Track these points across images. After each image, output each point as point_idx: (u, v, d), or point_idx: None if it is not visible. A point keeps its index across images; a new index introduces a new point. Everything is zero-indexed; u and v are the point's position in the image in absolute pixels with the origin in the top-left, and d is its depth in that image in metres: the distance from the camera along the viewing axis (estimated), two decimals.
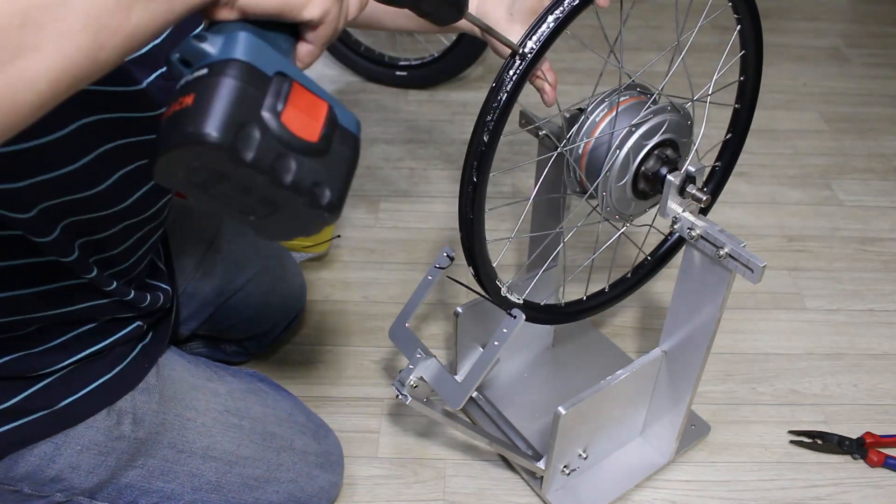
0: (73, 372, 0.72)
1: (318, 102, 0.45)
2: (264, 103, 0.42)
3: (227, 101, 0.40)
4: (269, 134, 0.41)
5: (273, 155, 0.42)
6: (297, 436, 0.89)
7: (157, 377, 0.80)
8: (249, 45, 0.42)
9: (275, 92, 0.42)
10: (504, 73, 0.64)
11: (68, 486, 0.74)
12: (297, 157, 0.43)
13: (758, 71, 0.80)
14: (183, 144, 0.40)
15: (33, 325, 0.69)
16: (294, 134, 0.42)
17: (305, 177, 0.43)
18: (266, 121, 0.41)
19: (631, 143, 0.73)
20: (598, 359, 1.13)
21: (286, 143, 0.42)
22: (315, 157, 0.44)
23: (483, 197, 0.69)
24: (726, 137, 0.87)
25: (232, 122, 0.40)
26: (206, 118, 0.39)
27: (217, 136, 0.39)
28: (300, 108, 0.43)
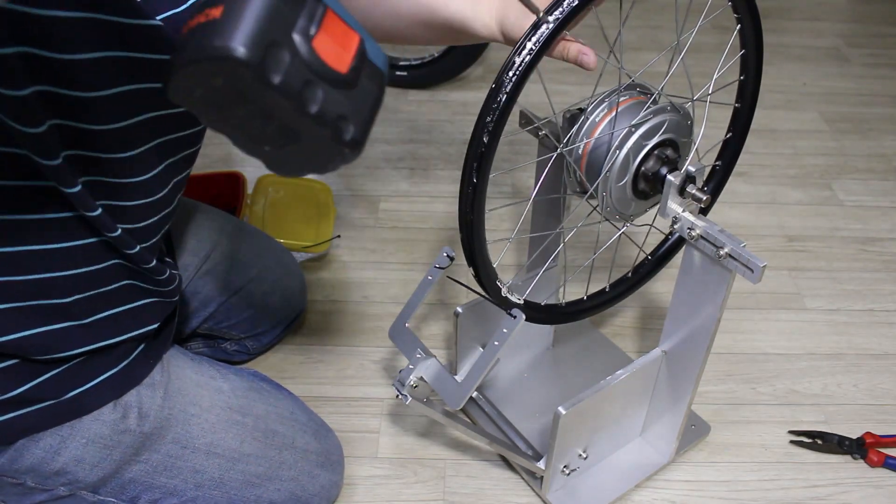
0: (81, 364, 0.72)
1: (350, 33, 0.43)
2: (297, 24, 0.39)
3: (259, 17, 0.38)
4: (299, 58, 0.39)
5: (301, 80, 0.40)
6: (299, 434, 0.89)
7: (162, 373, 0.80)
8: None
9: (308, 14, 0.40)
10: (503, 74, 0.64)
11: (72, 479, 0.74)
12: (324, 87, 0.41)
13: (758, 70, 0.81)
14: (207, 59, 0.38)
15: (66, 294, 0.68)
16: (324, 62, 0.41)
17: (331, 108, 0.41)
18: (297, 44, 0.39)
19: (631, 143, 0.73)
20: (598, 359, 1.13)
21: (316, 70, 0.40)
22: (343, 89, 0.42)
23: (483, 198, 0.69)
24: (727, 136, 0.87)
25: (262, 40, 0.38)
26: (235, 32, 0.37)
27: (246, 52, 0.37)
28: (332, 35, 0.41)
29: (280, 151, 0.44)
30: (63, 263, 0.67)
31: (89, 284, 0.70)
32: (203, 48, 0.37)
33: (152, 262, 0.73)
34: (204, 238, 1.02)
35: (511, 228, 1.38)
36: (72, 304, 0.69)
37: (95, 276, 0.70)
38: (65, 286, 0.68)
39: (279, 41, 0.38)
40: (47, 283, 0.67)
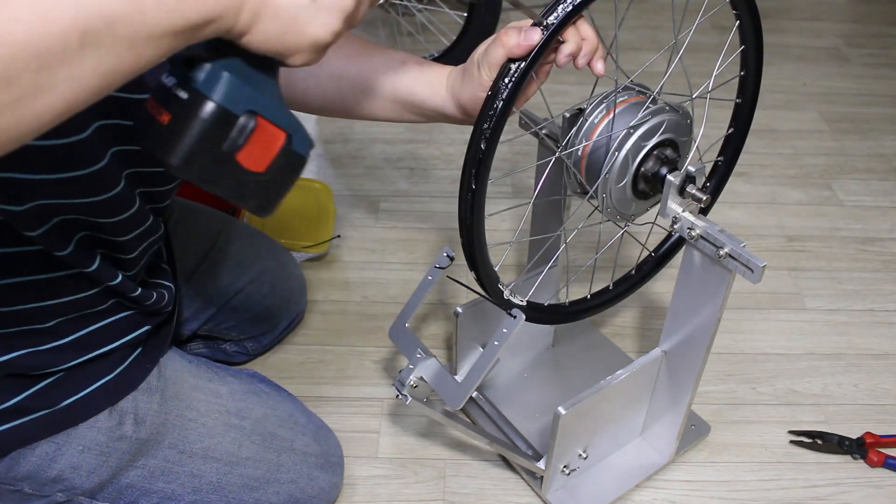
0: (76, 372, 0.72)
1: (277, 135, 0.53)
2: (225, 142, 0.50)
3: (193, 138, 0.48)
4: (223, 166, 0.50)
5: (222, 179, 0.51)
6: (298, 437, 0.89)
7: (159, 378, 0.80)
8: (228, 87, 0.49)
9: (238, 131, 0.50)
10: (500, 80, 0.64)
11: (69, 486, 0.74)
12: (243, 183, 0.52)
13: (758, 65, 0.80)
14: (155, 156, 0.49)
15: (49, 319, 0.69)
16: (244, 168, 0.51)
17: (247, 195, 0.53)
18: (223, 157, 0.50)
19: (629, 144, 0.73)
20: (598, 359, 1.13)
21: (236, 175, 0.51)
22: (258, 184, 0.53)
23: (482, 203, 0.69)
24: (728, 132, 0.87)
25: (192, 155, 0.48)
26: (172, 148, 0.48)
27: (178, 164, 0.48)
28: (257, 144, 0.51)
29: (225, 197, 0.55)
30: (46, 294, 0.67)
31: (73, 309, 0.70)
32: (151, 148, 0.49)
33: (137, 290, 0.74)
34: (203, 239, 1.02)
35: (511, 229, 1.38)
36: (56, 326, 0.70)
37: (79, 303, 0.70)
38: (48, 313, 0.69)
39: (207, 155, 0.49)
40: (30, 312, 0.67)
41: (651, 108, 0.73)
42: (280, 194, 0.56)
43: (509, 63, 0.64)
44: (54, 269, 0.67)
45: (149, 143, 0.49)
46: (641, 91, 0.76)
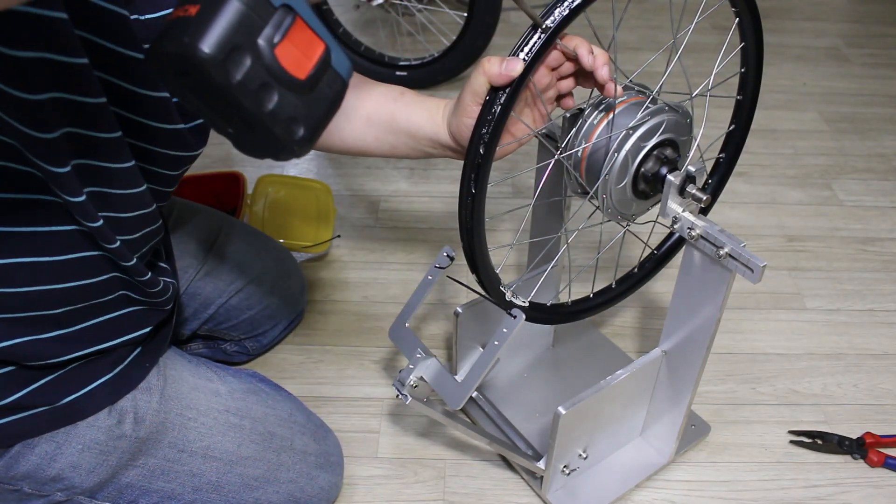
0: (76, 370, 0.72)
1: (316, 41, 0.47)
2: (263, 32, 0.44)
3: (228, 22, 0.42)
4: (259, 62, 0.44)
5: (259, 82, 0.44)
6: (298, 436, 0.89)
7: (159, 377, 0.80)
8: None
9: (276, 23, 0.44)
10: None
11: (69, 485, 0.74)
12: (280, 90, 0.45)
13: (759, 60, 0.80)
14: (177, 52, 0.42)
15: (57, 306, 0.68)
16: (283, 68, 0.45)
17: (284, 109, 0.46)
18: (260, 49, 0.44)
19: (629, 145, 0.73)
20: (598, 359, 1.13)
21: (274, 75, 0.45)
22: (298, 94, 0.46)
23: (482, 207, 0.69)
24: (730, 129, 0.87)
25: (227, 43, 0.42)
26: (204, 33, 0.42)
27: (209, 52, 0.42)
28: (296, 43, 0.45)
29: (241, 135, 0.48)
30: (57, 277, 0.67)
31: (82, 297, 0.70)
32: (175, 41, 0.42)
33: (147, 274, 0.73)
34: (203, 239, 1.02)
35: (512, 229, 1.38)
36: (61, 315, 0.69)
37: (88, 289, 0.70)
38: (57, 299, 0.68)
39: (243, 45, 0.43)
40: (39, 295, 0.67)
41: (650, 109, 0.73)
42: (323, 120, 0.49)
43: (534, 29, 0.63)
44: (69, 250, 0.67)
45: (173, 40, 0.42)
46: (641, 91, 0.76)
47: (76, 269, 0.68)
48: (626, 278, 0.93)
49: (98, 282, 0.70)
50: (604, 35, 0.71)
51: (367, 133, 0.82)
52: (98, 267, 0.69)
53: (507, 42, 0.65)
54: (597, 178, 0.75)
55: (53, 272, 0.67)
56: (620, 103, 0.74)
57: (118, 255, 0.69)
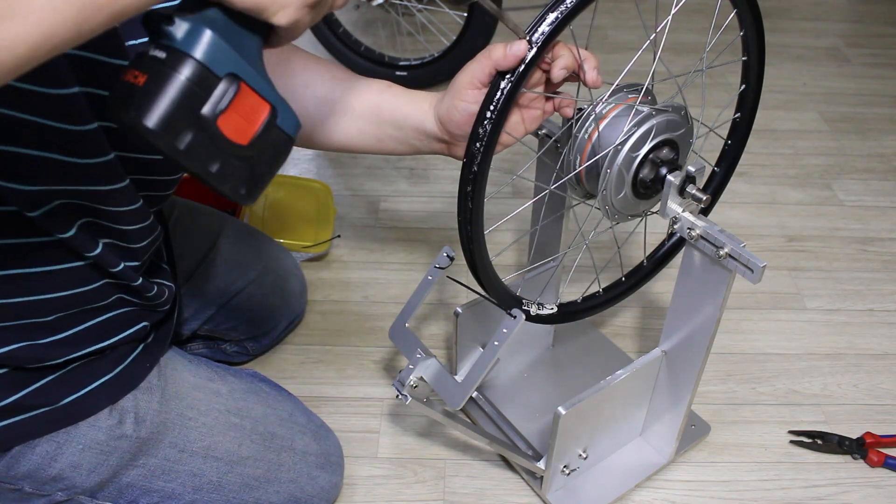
0: (76, 370, 0.72)
1: (261, 105, 0.49)
2: (206, 104, 0.46)
3: (172, 97, 0.44)
4: (202, 134, 0.46)
5: (202, 150, 0.47)
6: (298, 436, 0.89)
7: (159, 377, 0.80)
8: (209, 44, 0.45)
9: (219, 94, 0.46)
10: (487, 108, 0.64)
11: (69, 484, 0.74)
12: (223, 156, 0.48)
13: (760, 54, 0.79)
14: (124, 121, 0.45)
15: (48, 314, 0.69)
16: (226, 137, 0.47)
17: (227, 172, 0.48)
18: (203, 121, 0.46)
19: (619, 160, 0.72)
20: (598, 359, 1.13)
21: (216, 144, 0.47)
22: (241, 158, 0.49)
23: (480, 214, 0.69)
24: (735, 117, 0.86)
25: (169, 118, 0.44)
26: (149, 107, 0.44)
27: (152, 127, 0.44)
28: (240, 111, 0.48)
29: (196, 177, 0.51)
30: (47, 287, 0.67)
31: (75, 304, 0.70)
32: (122, 110, 0.45)
33: (138, 279, 0.73)
34: (203, 239, 1.02)
35: (513, 228, 1.38)
36: (54, 321, 0.69)
37: (81, 297, 0.70)
38: (49, 307, 0.68)
39: (187, 119, 0.45)
40: (31, 304, 0.67)
41: (636, 119, 0.72)
42: (265, 177, 0.51)
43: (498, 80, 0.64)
44: (58, 261, 0.67)
45: (123, 107, 0.45)
46: (631, 91, 0.75)
47: (66, 279, 0.68)
48: (635, 271, 0.92)
49: (89, 289, 0.70)
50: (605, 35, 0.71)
51: (352, 126, 0.81)
52: (88, 276, 0.70)
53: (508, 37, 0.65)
54: (597, 187, 0.75)
55: (43, 283, 0.67)
56: (604, 117, 0.73)
57: (105, 263, 0.69)
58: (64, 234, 0.65)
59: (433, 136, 0.78)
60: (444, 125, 0.75)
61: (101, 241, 0.69)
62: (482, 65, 0.67)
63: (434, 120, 0.76)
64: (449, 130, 0.75)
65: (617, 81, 0.74)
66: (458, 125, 0.73)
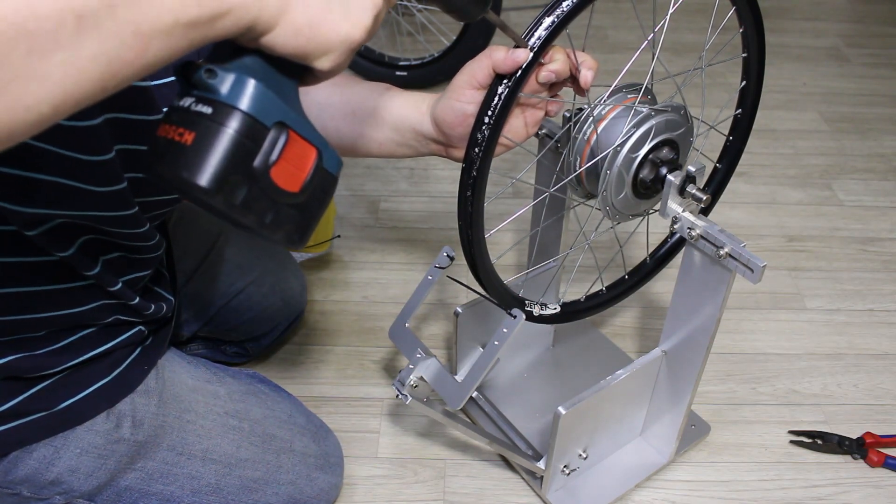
0: (73, 374, 0.72)
1: (308, 150, 0.48)
2: (257, 157, 0.44)
3: (223, 155, 0.43)
4: (255, 186, 0.45)
5: (256, 203, 0.45)
6: (297, 437, 0.89)
7: (157, 379, 0.79)
8: (256, 94, 0.44)
9: (270, 144, 0.45)
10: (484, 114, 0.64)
11: (67, 489, 0.74)
12: (277, 206, 0.47)
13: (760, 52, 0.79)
14: (175, 182, 0.43)
15: (43, 329, 0.69)
16: (279, 187, 0.46)
17: (281, 221, 0.48)
18: (255, 174, 0.45)
19: (619, 161, 0.72)
20: (598, 359, 1.13)
21: (270, 195, 0.46)
22: (293, 206, 0.48)
23: (480, 217, 0.69)
24: (736, 113, 0.86)
25: (223, 175, 0.43)
26: (200, 167, 0.42)
27: (207, 186, 0.42)
28: (290, 159, 0.46)
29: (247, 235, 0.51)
30: (43, 306, 0.67)
31: (71, 322, 0.70)
32: (172, 171, 0.43)
33: (135, 299, 0.73)
34: (203, 241, 1.02)
35: (515, 229, 1.38)
36: (49, 335, 0.69)
37: (77, 316, 0.70)
38: (44, 324, 0.68)
39: (240, 174, 0.44)
40: (28, 321, 0.67)
41: (635, 120, 0.72)
42: (315, 219, 0.50)
43: (498, 83, 0.64)
44: (56, 280, 0.67)
45: (170, 167, 0.43)
46: (630, 91, 0.75)
47: (65, 298, 0.68)
48: (639, 268, 0.92)
49: (85, 310, 0.70)
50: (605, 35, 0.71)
51: (353, 130, 0.81)
52: (84, 297, 0.69)
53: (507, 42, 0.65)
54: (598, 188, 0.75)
55: (41, 301, 0.67)
56: (602, 118, 0.73)
57: (105, 283, 0.69)
58: (64, 252, 0.64)
59: (430, 138, 0.78)
60: (439, 126, 0.75)
61: (102, 258, 0.68)
62: (482, 65, 0.67)
63: (430, 121, 0.76)
64: (443, 131, 0.75)
65: (616, 82, 0.74)
66: (451, 126, 0.73)
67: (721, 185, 0.89)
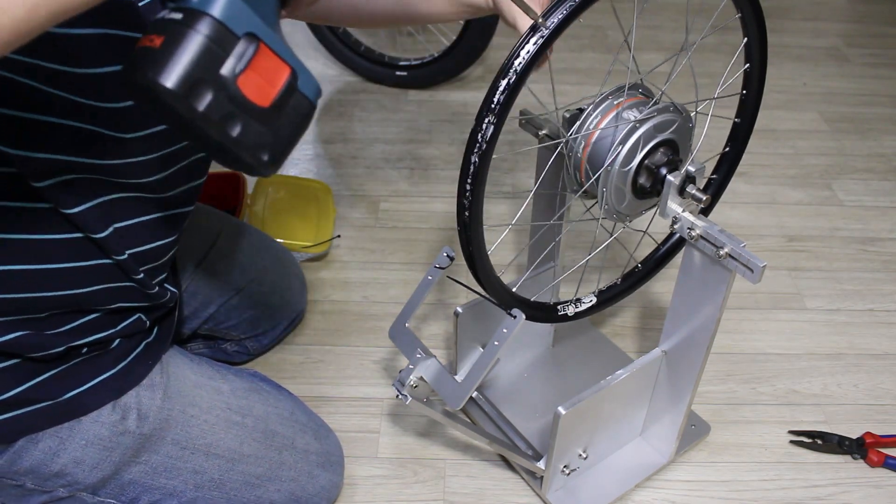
0: (79, 365, 0.73)
1: (281, 67, 0.47)
2: (225, 63, 0.44)
3: (190, 56, 0.43)
4: (222, 93, 0.45)
5: (223, 112, 0.45)
6: (299, 435, 0.89)
7: (162, 374, 0.80)
8: (227, 3, 0.44)
9: (239, 53, 0.45)
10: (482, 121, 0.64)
11: (72, 480, 0.74)
12: (244, 118, 0.46)
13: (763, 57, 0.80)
14: (142, 84, 0.43)
15: (47, 310, 0.69)
16: (246, 97, 0.46)
17: (249, 137, 0.47)
18: (222, 80, 0.45)
19: (613, 179, 0.73)
20: (598, 359, 1.13)
21: (237, 104, 0.45)
22: (263, 121, 0.47)
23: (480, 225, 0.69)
24: (735, 121, 0.86)
25: (189, 77, 0.43)
26: (166, 67, 0.43)
27: (171, 87, 0.43)
28: (260, 71, 0.46)
29: (214, 155, 0.50)
30: (49, 285, 0.68)
31: (72, 303, 0.70)
32: (140, 73, 0.43)
33: (140, 273, 0.74)
34: (204, 239, 1.02)
35: (517, 229, 1.38)
36: (51, 318, 0.70)
37: (81, 298, 0.70)
38: (47, 304, 0.69)
39: (206, 78, 0.44)
40: (29, 301, 0.67)
41: (620, 136, 0.73)
42: (288, 144, 0.50)
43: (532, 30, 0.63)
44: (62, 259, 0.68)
45: (140, 71, 0.43)
46: (644, 93, 0.76)
47: (68, 278, 0.69)
48: (648, 259, 0.92)
49: (89, 291, 0.71)
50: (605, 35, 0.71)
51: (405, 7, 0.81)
52: (91, 278, 0.70)
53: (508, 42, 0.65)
54: (601, 164, 0.74)
55: (44, 280, 0.67)
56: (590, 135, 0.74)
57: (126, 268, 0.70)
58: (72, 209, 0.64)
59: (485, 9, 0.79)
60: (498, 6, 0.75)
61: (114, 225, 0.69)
62: None
63: None
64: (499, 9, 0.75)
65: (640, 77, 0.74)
66: None
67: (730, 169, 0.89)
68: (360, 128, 1.70)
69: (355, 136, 1.68)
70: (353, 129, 1.70)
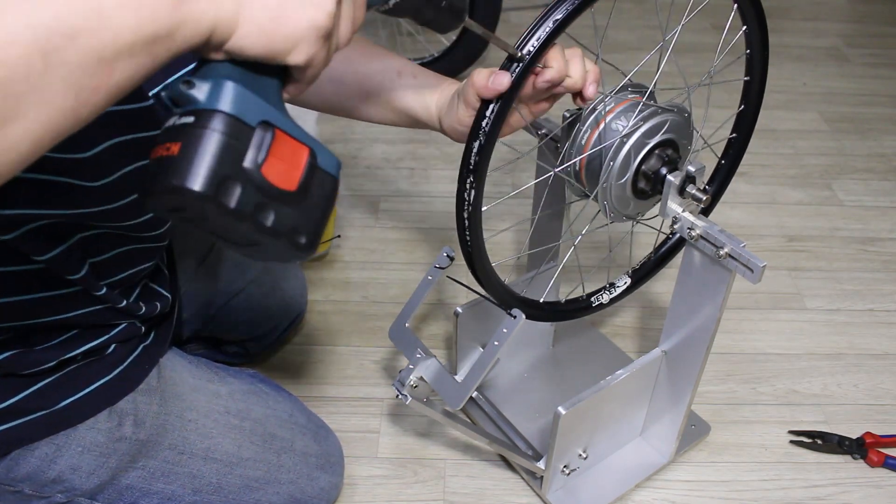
0: (74, 372, 0.72)
1: (299, 149, 0.47)
2: (246, 156, 0.44)
3: (211, 156, 0.42)
4: (249, 186, 0.44)
5: (253, 204, 0.44)
6: (298, 437, 0.89)
7: (159, 378, 0.80)
8: (235, 95, 0.44)
9: (257, 143, 0.44)
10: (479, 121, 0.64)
11: (69, 487, 0.74)
12: (275, 206, 0.46)
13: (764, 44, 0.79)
14: (168, 192, 0.42)
15: (34, 332, 0.69)
16: (273, 185, 0.45)
17: (283, 223, 0.46)
18: (247, 173, 0.44)
19: (631, 143, 0.73)
20: (598, 359, 1.13)
21: (266, 193, 0.45)
22: (293, 204, 0.47)
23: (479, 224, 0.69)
24: (740, 109, 0.86)
25: (214, 176, 0.42)
26: (190, 172, 0.42)
27: (200, 189, 0.42)
28: (280, 157, 0.46)
29: (248, 251, 0.49)
30: (29, 314, 0.67)
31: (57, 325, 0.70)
32: (164, 184, 0.42)
33: (122, 302, 0.73)
34: (203, 240, 1.02)
35: (518, 229, 1.38)
36: (40, 336, 0.70)
37: (64, 321, 0.70)
38: (33, 328, 0.68)
39: (231, 174, 0.43)
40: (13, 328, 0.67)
41: (647, 111, 0.73)
42: (321, 221, 0.49)
43: (511, 61, 0.63)
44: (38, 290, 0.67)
45: (161, 181, 0.42)
46: (637, 90, 0.76)
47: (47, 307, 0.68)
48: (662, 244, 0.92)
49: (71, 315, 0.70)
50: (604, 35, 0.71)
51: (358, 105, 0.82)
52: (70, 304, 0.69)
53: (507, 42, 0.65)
54: (598, 175, 0.75)
55: (23, 310, 0.67)
56: (611, 111, 0.74)
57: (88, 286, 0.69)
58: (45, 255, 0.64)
59: (435, 129, 0.79)
60: (450, 136, 0.76)
61: (90, 260, 0.68)
62: (471, 92, 0.67)
63: (436, 122, 0.77)
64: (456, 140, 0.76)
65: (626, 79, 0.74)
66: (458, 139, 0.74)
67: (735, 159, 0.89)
68: (360, 128, 1.70)
69: (355, 136, 1.68)
70: (353, 129, 1.70)
